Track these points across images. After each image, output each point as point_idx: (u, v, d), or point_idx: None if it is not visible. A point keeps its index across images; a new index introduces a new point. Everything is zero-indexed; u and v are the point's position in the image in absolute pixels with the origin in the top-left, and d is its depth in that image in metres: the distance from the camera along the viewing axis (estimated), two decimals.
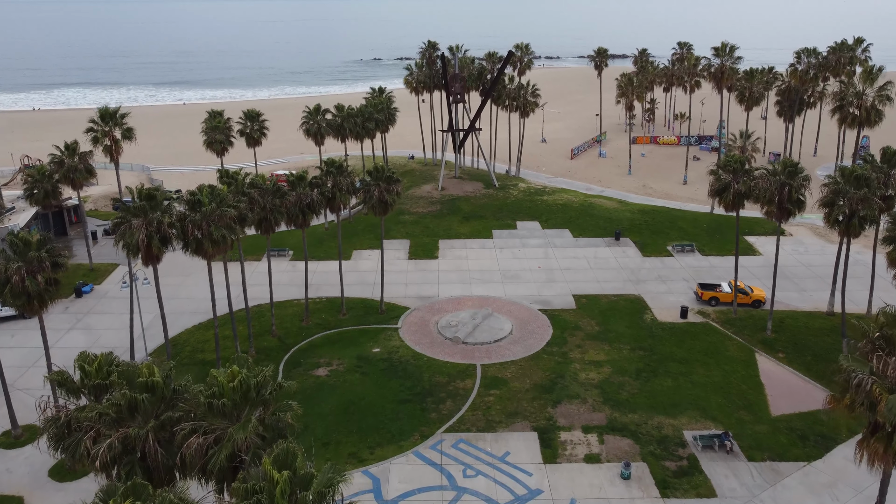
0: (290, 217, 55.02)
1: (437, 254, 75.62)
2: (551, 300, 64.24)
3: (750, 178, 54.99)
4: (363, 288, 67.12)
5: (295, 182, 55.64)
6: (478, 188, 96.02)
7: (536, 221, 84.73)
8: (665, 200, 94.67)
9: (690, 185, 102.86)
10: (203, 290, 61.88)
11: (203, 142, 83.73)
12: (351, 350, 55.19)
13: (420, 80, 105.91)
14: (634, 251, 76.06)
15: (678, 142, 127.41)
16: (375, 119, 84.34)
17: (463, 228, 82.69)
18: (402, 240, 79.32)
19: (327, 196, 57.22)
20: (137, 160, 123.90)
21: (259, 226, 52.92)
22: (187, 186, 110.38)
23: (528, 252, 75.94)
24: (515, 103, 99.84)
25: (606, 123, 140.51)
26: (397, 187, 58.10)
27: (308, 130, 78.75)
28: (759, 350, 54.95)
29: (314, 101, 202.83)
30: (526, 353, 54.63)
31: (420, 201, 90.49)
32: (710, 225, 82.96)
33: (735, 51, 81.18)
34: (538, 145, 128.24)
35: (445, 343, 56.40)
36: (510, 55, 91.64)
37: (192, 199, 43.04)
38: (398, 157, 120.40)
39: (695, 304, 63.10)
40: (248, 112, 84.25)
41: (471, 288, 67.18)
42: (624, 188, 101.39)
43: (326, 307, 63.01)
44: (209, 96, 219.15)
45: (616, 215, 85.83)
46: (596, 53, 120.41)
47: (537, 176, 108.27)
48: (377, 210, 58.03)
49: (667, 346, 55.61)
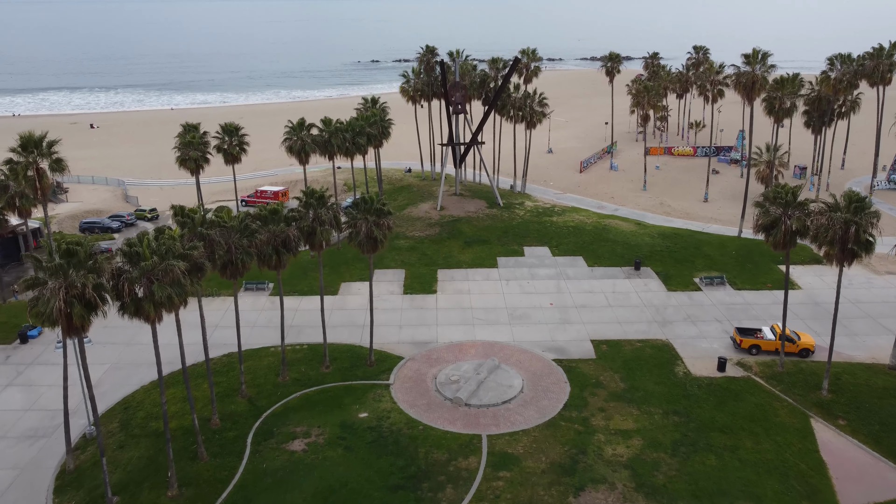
0: (261, 258, 46.70)
1: (435, 287, 67.20)
2: (567, 347, 55.84)
3: (804, 212, 46.56)
4: (351, 331, 58.71)
5: (268, 217, 47.24)
6: (480, 207, 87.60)
7: (546, 247, 76.31)
8: (686, 221, 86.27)
9: (712, 202, 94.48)
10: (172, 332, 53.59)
11: (176, 159, 75.29)
12: (334, 415, 46.78)
13: (417, 89, 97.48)
14: (657, 284, 67.64)
15: (694, 153, 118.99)
16: (367, 134, 75.87)
17: (464, 255, 74.29)
18: (397, 269, 70.90)
19: (307, 231, 48.86)
20: (116, 173, 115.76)
21: (223, 270, 44.54)
22: (165, 203, 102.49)
23: (537, 285, 67.53)
24: (521, 114, 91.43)
25: (615, 131, 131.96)
26: (388, 221, 49.72)
27: (291, 148, 70.21)
28: (814, 415, 46.55)
29: (308, 106, 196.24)
30: (540, 420, 46.23)
31: (417, 223, 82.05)
32: (740, 251, 74.56)
33: (768, 58, 72.83)
34: (544, 156, 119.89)
35: (445, 405, 48.02)
36: (516, 62, 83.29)
37: (129, 250, 34.58)
38: (394, 169, 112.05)
39: (732, 353, 54.68)
40: (227, 126, 75.79)
41: (474, 331, 58.79)
42: (639, 206, 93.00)
43: (307, 357, 54.57)
44: (199, 101, 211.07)
45: (634, 240, 77.43)
46: (608, 58, 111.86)
47: (545, 192, 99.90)
48: (364, 248, 49.64)
49: (706, 410, 47.21)
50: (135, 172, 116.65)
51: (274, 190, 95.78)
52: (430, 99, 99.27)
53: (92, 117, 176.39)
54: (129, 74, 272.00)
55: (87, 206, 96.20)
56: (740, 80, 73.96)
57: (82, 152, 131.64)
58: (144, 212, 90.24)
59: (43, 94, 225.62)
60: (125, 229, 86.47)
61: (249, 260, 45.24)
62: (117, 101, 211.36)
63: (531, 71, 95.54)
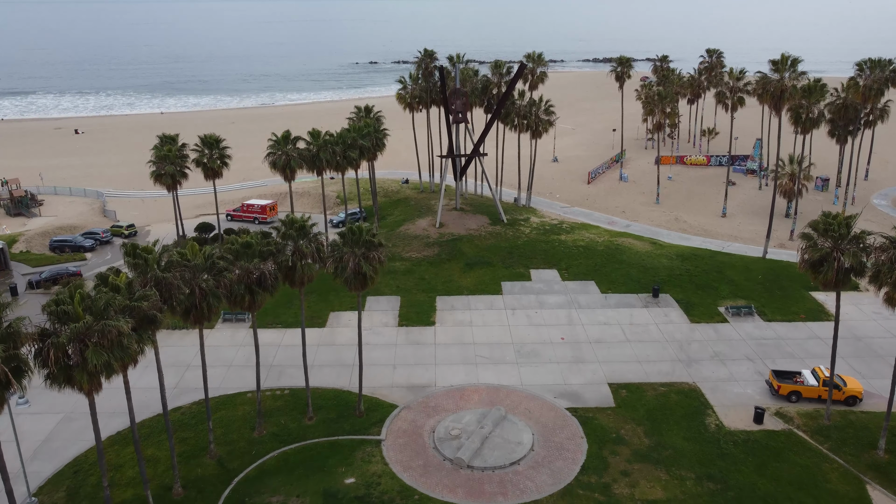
0: (232, 299, 40.45)
1: (433, 317, 60.86)
2: (581, 392, 49.55)
3: (861, 247, 40.26)
4: (339, 373, 52.38)
5: (239, 251, 40.96)
6: (483, 224, 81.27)
7: (555, 270, 70.01)
8: (704, 239, 79.96)
9: (730, 217, 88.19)
10: (145, 375, 47.45)
11: (150, 174, 69.09)
12: (315, 480, 40.46)
13: (415, 95, 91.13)
14: (679, 314, 61.31)
15: (708, 162, 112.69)
16: (360, 147, 69.49)
17: (466, 280, 67.98)
18: (392, 297, 64.55)
19: (286, 266, 42.57)
20: (97, 183, 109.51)
21: (186, 316, 38.26)
22: (147, 217, 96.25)
23: (546, 315, 61.20)
24: (526, 122, 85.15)
25: (623, 138, 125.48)
26: (379, 254, 43.43)
27: (275, 163, 63.82)
28: (870, 481, 40.28)
29: (303, 110, 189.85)
30: (554, 487, 39.94)
31: (414, 242, 75.71)
32: (767, 275, 68.26)
33: (798, 64, 66.46)
34: (549, 166, 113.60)
35: (444, 467, 41.73)
36: (522, 68, 76.86)
37: (56, 308, 28.31)
38: (390, 179, 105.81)
39: (769, 400, 48.38)
40: (207, 138, 69.49)
41: (477, 372, 52.48)
42: (653, 221, 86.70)
43: (289, 405, 48.25)
44: (191, 104, 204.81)
45: (650, 261, 71.13)
46: (617, 62, 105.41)
47: (551, 205, 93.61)
48: (352, 284, 43.35)
49: (744, 474, 40.93)
50: (116, 182, 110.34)
51: (262, 204, 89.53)
52: (428, 106, 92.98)
53: (78, 122, 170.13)
54: (121, 76, 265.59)
55: (62, 220, 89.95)
56: (767, 88, 67.58)
57: (63, 160, 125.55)
58: (121, 228, 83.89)
59: (32, 97, 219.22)
60: (100, 248, 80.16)
61: (217, 302, 38.99)
62: (106, 105, 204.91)
63: (537, 77, 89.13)
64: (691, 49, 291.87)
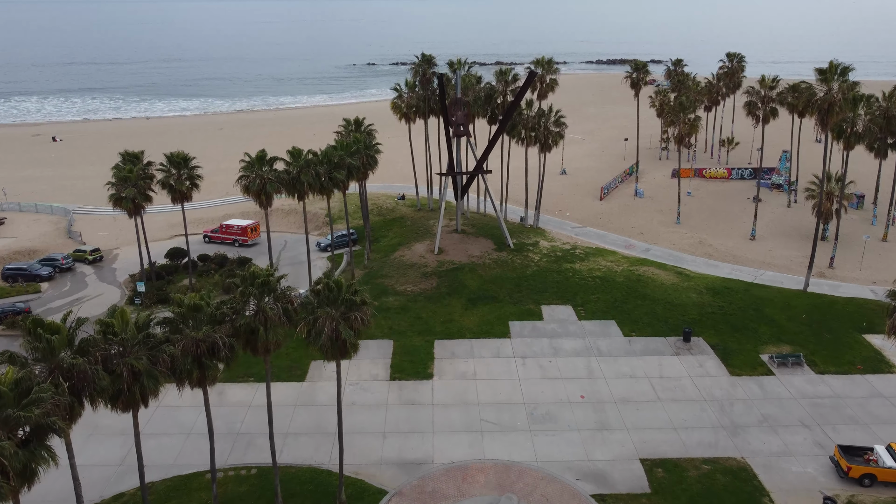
0: (177, 377, 32.10)
1: (431, 368, 52.41)
2: (609, 472, 41.15)
3: None
4: (319, 444, 43.93)
5: (186, 315, 32.55)
6: (487, 249, 72.84)
7: (569, 306, 61.61)
8: (733, 266, 71.60)
9: (760, 240, 79.76)
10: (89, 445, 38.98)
11: (109, 197, 60.74)
12: None
13: (412, 105, 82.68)
14: (716, 364, 52.87)
15: (728, 175, 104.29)
16: (349, 166, 61.00)
17: (468, 319, 59.53)
18: (383, 341, 56.07)
19: (246, 331, 34.16)
20: (67, 198, 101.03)
21: (114, 402, 29.92)
22: (118, 238, 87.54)
23: (562, 365, 52.77)
24: (535, 135, 76.81)
25: (633, 146, 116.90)
26: (362, 314, 35.02)
27: (248, 188, 55.28)
28: None
29: (296, 114, 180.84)
30: None
31: (410, 272, 67.28)
32: (811, 314, 59.85)
33: (849, 72, 58.15)
34: (557, 179, 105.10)
35: None
36: (532, 77, 68.25)
37: None
38: (386, 194, 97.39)
39: (836, 483, 40.03)
40: (174, 156, 61.11)
41: (482, 442, 44.06)
42: (675, 245, 78.30)
43: (254, 490, 39.81)
44: (180, 108, 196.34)
45: (677, 296, 62.73)
46: (633, 67, 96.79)
47: (561, 225, 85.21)
48: (328, 353, 34.95)
49: None
50: (89, 198, 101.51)
51: (242, 224, 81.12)
52: (426, 116, 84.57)
53: (59, 128, 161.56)
54: (111, 77, 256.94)
55: (22, 242, 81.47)
56: (812, 101, 59.12)
57: (35, 171, 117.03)
58: (84, 253, 75.45)
59: (16, 99, 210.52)
60: (59, 277, 71.75)
61: (155, 384, 30.65)
62: (92, 109, 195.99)
63: (547, 84, 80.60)
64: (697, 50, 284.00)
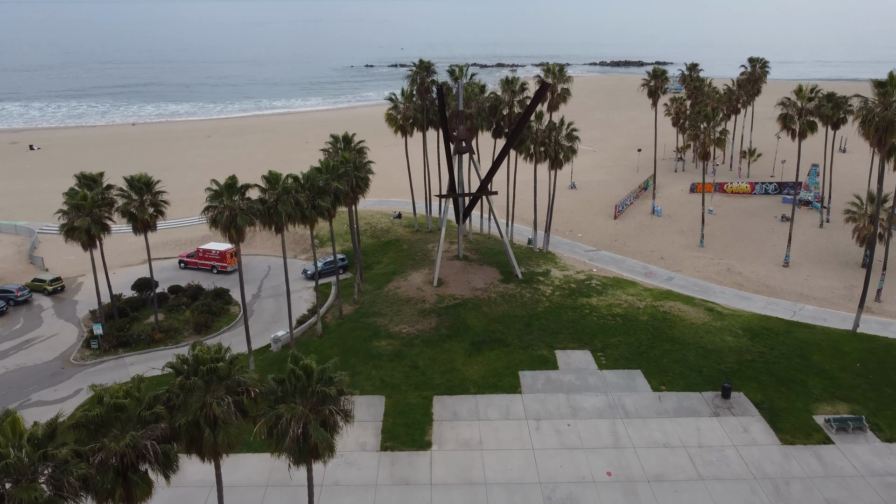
0: (96, 497, 24.36)
1: (429, 435, 44.63)
2: None
3: None
4: None
5: (104, 418, 24.80)
6: (492, 280, 65.07)
7: (588, 351, 53.90)
8: (768, 299, 63.93)
9: (794, 267, 72.08)
10: None
11: (60, 228, 53.07)
12: None
13: (408, 116, 75.00)
14: (762, 428, 45.13)
15: (752, 190, 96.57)
16: (335, 191, 53.15)
17: (472, 368, 51.77)
18: (373, 396, 48.32)
19: (189, 431, 26.41)
20: (35, 215, 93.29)
21: None
22: (83, 265, 78.87)
23: (583, 430, 45.03)
24: (545, 150, 69.14)
25: (646, 157, 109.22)
26: (339, 408, 27.27)
27: (215, 220, 47.27)
28: None
29: (289, 120, 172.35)
30: None
31: (405, 309, 59.49)
32: (865, 360, 52.17)
33: None
34: (567, 194, 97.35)
35: None
36: (543, 89, 60.22)
37: None
38: (380, 211, 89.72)
39: None
40: (134, 180, 53.42)
41: None
42: (700, 272, 70.64)
43: None
44: (169, 112, 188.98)
45: (710, 339, 55.00)
46: (651, 75, 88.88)
47: (573, 248, 77.52)
48: (295, 457, 27.22)
49: None
50: None
51: (220, 249, 73.46)
52: (424, 128, 76.90)
53: (39, 134, 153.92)
54: (100, 79, 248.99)
55: None
56: (868, 119, 51.47)
57: (5, 184, 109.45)
58: (43, 283, 67.78)
59: (1, 104, 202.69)
60: (12, 311, 64.10)
61: None
62: (77, 114, 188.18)
63: (559, 95, 72.75)
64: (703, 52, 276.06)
